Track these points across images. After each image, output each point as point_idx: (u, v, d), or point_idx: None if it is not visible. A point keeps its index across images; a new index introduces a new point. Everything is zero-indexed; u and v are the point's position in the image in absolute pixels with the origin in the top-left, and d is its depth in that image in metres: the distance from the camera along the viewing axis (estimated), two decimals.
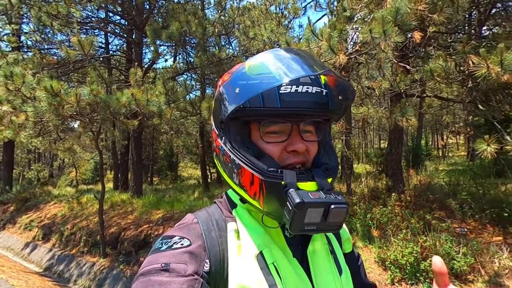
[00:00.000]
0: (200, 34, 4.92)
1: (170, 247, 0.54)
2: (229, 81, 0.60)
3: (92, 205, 8.25)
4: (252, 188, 0.56)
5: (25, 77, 3.91)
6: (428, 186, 5.61)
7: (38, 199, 10.71)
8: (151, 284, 0.48)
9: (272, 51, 0.59)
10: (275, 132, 0.58)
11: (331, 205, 0.51)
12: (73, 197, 9.26)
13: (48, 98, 3.83)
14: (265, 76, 0.54)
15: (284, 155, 0.58)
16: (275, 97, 0.55)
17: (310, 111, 0.57)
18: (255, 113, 0.57)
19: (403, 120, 3.24)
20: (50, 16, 5.47)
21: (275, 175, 0.54)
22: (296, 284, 0.56)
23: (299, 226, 0.51)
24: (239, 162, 0.57)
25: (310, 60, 0.58)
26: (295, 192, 0.51)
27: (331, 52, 3.69)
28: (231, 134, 0.60)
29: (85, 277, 5.56)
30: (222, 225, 0.61)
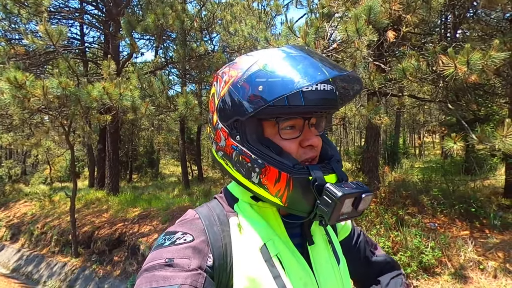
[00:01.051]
0: (177, 28, 4.79)
1: (173, 243, 0.55)
2: (243, 78, 0.59)
3: (65, 203, 7.93)
4: (277, 186, 0.57)
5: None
6: (402, 183, 5.78)
7: (7, 197, 10.21)
8: (155, 279, 0.49)
9: (283, 49, 0.60)
10: (291, 128, 0.60)
11: (362, 194, 0.55)
12: (45, 195, 8.88)
13: (11, 90, 3.61)
14: (288, 76, 0.54)
15: (300, 150, 0.60)
16: (299, 96, 0.56)
17: (327, 108, 0.59)
18: (276, 111, 0.57)
19: (376, 118, 3.30)
20: (16, 3, 5.17)
21: (302, 171, 0.56)
22: (300, 275, 0.58)
23: (337, 216, 0.54)
24: (263, 161, 0.57)
25: (324, 59, 0.60)
26: (333, 185, 0.54)
27: None
28: (247, 132, 0.59)
29: (55, 278, 5.34)
30: (224, 219, 0.61)
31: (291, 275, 0.57)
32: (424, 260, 3.36)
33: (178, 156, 17.37)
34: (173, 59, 7.32)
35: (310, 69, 0.55)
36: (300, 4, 8.30)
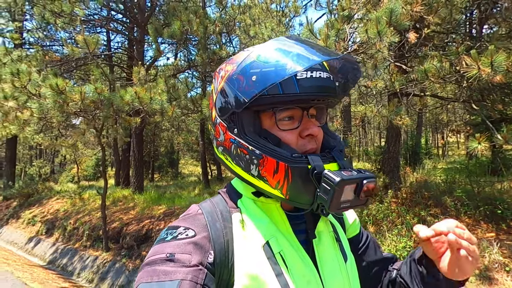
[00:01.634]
0: (201, 33, 5.00)
1: (175, 238, 0.55)
2: (238, 71, 0.59)
3: (94, 200, 8.38)
4: (275, 177, 0.56)
5: (31, 75, 4.01)
6: (424, 184, 5.71)
7: (40, 194, 10.85)
8: (157, 273, 0.49)
9: (277, 40, 0.60)
10: (289, 118, 0.59)
11: (364, 180, 0.53)
12: (75, 193, 9.39)
13: (53, 96, 3.93)
14: (280, 64, 0.54)
15: (300, 141, 0.59)
16: (293, 83, 0.55)
17: (324, 95, 0.58)
18: (271, 101, 0.57)
19: (397, 119, 3.34)
20: (54, 14, 5.56)
21: (301, 160, 0.55)
22: (303, 272, 0.57)
23: (337, 204, 0.52)
24: (260, 152, 0.56)
25: (318, 46, 0.60)
26: (331, 172, 0.53)
27: None
28: (244, 125, 0.59)
29: (88, 270, 5.70)
30: (226, 216, 0.61)
31: (294, 273, 0.56)
32: None
33: (197, 156, 17.76)
34: (194, 62, 7.59)
35: (302, 55, 0.55)
36: (320, 5, 8.35)
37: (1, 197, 11.68)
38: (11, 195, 11.12)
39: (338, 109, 4.43)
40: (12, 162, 12.73)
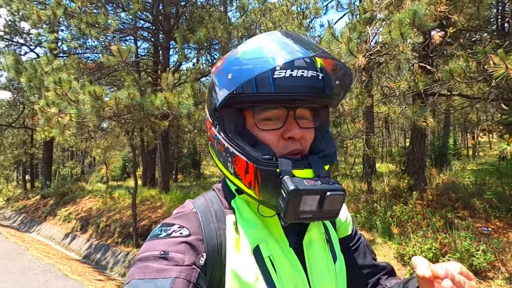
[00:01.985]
0: (225, 38, 5.20)
1: (169, 235, 0.54)
2: (221, 68, 0.59)
3: (124, 199, 8.84)
4: (247, 177, 0.55)
5: (71, 83, 4.36)
6: (452, 186, 5.56)
7: (74, 193, 11.56)
8: (149, 270, 0.48)
9: (267, 34, 0.58)
10: (270, 119, 0.57)
11: (327, 192, 0.49)
12: (106, 192, 9.94)
13: (91, 102, 4.26)
14: (258, 61, 0.52)
15: (281, 142, 0.57)
16: (268, 82, 0.53)
17: (306, 96, 0.54)
18: (248, 99, 0.55)
19: (421, 120, 3.33)
20: (89, 25, 5.98)
21: (269, 163, 0.53)
22: (291, 276, 0.57)
23: (295, 214, 0.50)
24: (233, 151, 0.56)
25: (305, 42, 0.56)
26: (289, 179, 0.50)
27: (350, 54, 3.83)
28: (225, 122, 0.58)
29: (120, 264, 6.05)
30: (221, 216, 0.60)
31: (282, 276, 0.56)
32: (474, 263, 3.30)
33: None
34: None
35: (281, 51, 0.52)
36: (341, 7, 8.34)
37: (39, 196, 12.55)
38: (48, 194, 11.91)
39: (361, 110, 4.45)
40: (49, 163, 13.62)
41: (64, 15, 5.80)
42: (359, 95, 4.04)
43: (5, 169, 17.32)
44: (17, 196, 15.00)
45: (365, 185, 6.56)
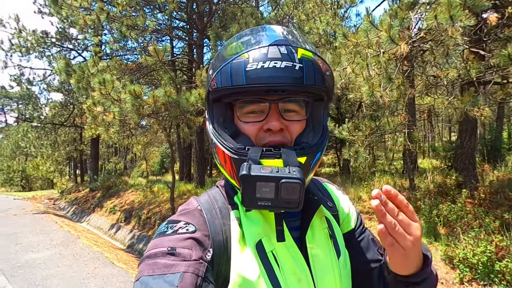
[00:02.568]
0: None
1: (176, 232, 0.55)
2: (211, 65, 0.63)
3: (162, 193, 9.26)
4: (227, 167, 0.59)
5: (114, 83, 4.62)
6: (508, 183, 5.03)
7: (118, 187, 12.36)
8: (158, 266, 0.49)
9: (252, 29, 0.61)
10: (253, 112, 0.59)
11: (281, 180, 0.49)
12: (146, 186, 10.49)
13: (132, 100, 4.48)
14: (236, 55, 0.55)
15: (261, 134, 0.58)
16: (241, 75, 0.54)
17: (278, 86, 0.54)
18: (227, 93, 0.57)
19: (474, 111, 3.02)
20: (129, 28, 6.28)
21: (241, 152, 0.55)
22: (294, 270, 0.57)
23: (251, 200, 0.51)
24: (215, 141, 0.59)
25: (286, 35, 0.57)
26: (245, 165, 0.51)
27: (391, 42, 3.59)
28: (214, 116, 0.62)
29: None
30: (225, 213, 0.61)
31: (285, 271, 0.56)
32: None
33: None
34: None
35: (252, 45, 0.55)
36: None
37: (88, 189, 13.62)
38: (96, 187, 12.87)
39: (402, 102, 4.17)
40: (96, 159, 14.69)
41: (107, 20, 6.15)
42: (400, 85, 3.78)
43: (59, 164, 19.03)
44: (69, 189, 16.43)
45: (406, 182, 6.19)
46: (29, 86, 12.26)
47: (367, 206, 5.51)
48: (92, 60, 6.03)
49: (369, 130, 4.75)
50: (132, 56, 11.00)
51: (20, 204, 13.87)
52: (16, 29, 11.19)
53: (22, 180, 22.73)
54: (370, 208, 5.48)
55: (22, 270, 4.63)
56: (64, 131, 15.21)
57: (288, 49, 0.54)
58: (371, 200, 0.47)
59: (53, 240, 6.59)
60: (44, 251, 5.71)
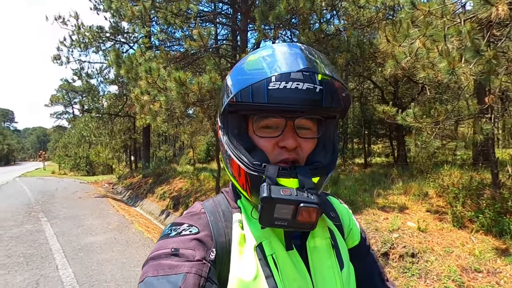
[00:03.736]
0: (307, 9, 4.64)
1: (179, 234, 0.56)
2: (230, 74, 0.62)
3: (208, 182, 9.35)
4: (240, 180, 0.60)
5: (160, 71, 4.52)
6: None
7: (167, 174, 12.90)
8: (162, 267, 0.50)
9: (271, 46, 0.60)
10: (269, 127, 0.59)
11: (300, 204, 0.51)
12: (193, 174, 10.72)
13: (177, 88, 4.34)
14: (257, 72, 0.55)
15: (276, 150, 0.59)
16: (263, 93, 0.54)
17: (299, 108, 0.55)
18: (246, 108, 0.58)
19: None
20: (173, 15, 6.18)
21: (258, 169, 0.56)
22: (294, 276, 0.57)
23: (269, 220, 0.52)
24: (230, 153, 0.60)
25: (308, 57, 0.57)
26: (266, 186, 0.52)
27: (484, 3, 2.85)
28: (229, 126, 0.62)
29: None
30: (228, 216, 0.63)
31: (284, 276, 0.56)
32: None
33: None
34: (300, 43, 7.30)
35: (277, 65, 0.54)
36: None
37: (141, 175, 14.47)
38: (148, 174, 13.63)
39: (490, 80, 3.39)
40: (147, 147, 15.54)
41: (153, 8, 6.10)
42: (491, 59, 3.01)
43: (116, 152, 20.62)
44: (125, 175, 17.71)
45: (484, 176, 5.25)
46: (88, 79, 13.19)
47: (435, 204, 4.78)
48: (140, 50, 6.07)
49: (443, 115, 4.01)
50: (178, 46, 11.14)
51: (84, 187, 15.32)
52: (76, 26, 12.01)
53: (87, 165, 25.21)
54: (438, 206, 4.74)
55: (81, 253, 4.91)
56: (119, 121, 16.29)
57: (310, 72, 0.55)
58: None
59: (110, 224, 6.99)
60: (101, 235, 6.05)
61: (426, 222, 4.14)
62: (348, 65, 7.39)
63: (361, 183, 6.48)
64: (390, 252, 3.70)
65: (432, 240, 3.78)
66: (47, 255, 4.75)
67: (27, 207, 9.28)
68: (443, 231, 3.97)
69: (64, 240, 5.60)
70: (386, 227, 4.09)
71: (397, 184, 5.93)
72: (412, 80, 7.93)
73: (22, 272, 4.06)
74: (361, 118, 12.25)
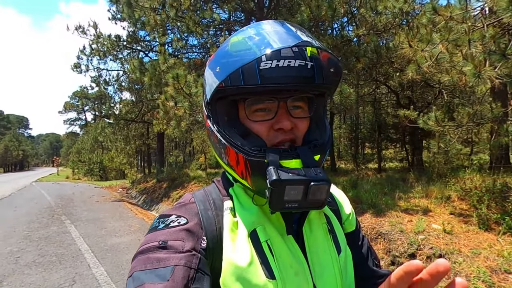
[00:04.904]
0: (329, 16, 4.78)
1: (167, 226, 0.55)
2: (212, 60, 0.60)
3: None
4: (239, 168, 0.57)
5: (187, 77, 4.70)
6: None
7: (182, 179, 13.08)
8: (150, 261, 0.48)
9: (256, 25, 0.57)
10: (262, 110, 0.57)
11: (311, 182, 0.50)
12: (208, 179, 10.86)
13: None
14: (245, 52, 0.52)
15: (271, 133, 0.57)
16: (254, 74, 0.51)
17: (293, 86, 0.53)
18: (237, 92, 0.55)
19: None
20: (195, 24, 6.40)
21: (257, 154, 0.54)
22: (290, 262, 0.56)
23: (279, 203, 0.51)
24: (224, 142, 0.58)
25: (293, 31, 0.55)
26: (273, 169, 0.51)
27: (509, 8, 2.93)
28: (218, 114, 0.60)
29: None
30: (219, 204, 0.61)
31: (280, 262, 0.55)
32: None
33: None
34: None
35: (265, 43, 0.52)
36: None
37: (155, 180, 14.70)
38: (162, 178, 13.83)
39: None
40: (162, 152, 15.81)
41: (176, 16, 6.34)
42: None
43: (130, 157, 20.99)
44: (139, 180, 17.99)
45: (505, 179, 5.23)
46: (106, 86, 13.59)
47: (458, 207, 4.79)
48: (163, 58, 6.29)
49: (467, 118, 4.06)
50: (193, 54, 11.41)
51: (99, 192, 15.63)
52: (95, 35, 12.45)
53: (100, 170, 25.69)
54: (461, 209, 4.75)
55: (109, 253, 5.07)
56: (135, 127, 16.63)
57: (299, 47, 0.52)
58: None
59: (131, 227, 7.16)
60: (125, 236, 6.22)
61: (451, 224, 4.17)
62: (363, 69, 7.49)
63: (380, 187, 6.51)
64: (417, 253, 3.74)
65: (459, 242, 3.80)
66: (78, 255, 4.92)
67: (49, 210, 9.55)
68: (469, 233, 3.99)
69: (91, 241, 5.77)
70: (411, 229, 4.13)
71: (416, 188, 5.94)
72: (429, 84, 7.96)
73: (57, 270, 4.23)
74: (374, 123, 12.26)
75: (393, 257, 3.83)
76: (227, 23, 9.73)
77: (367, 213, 4.78)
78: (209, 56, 6.33)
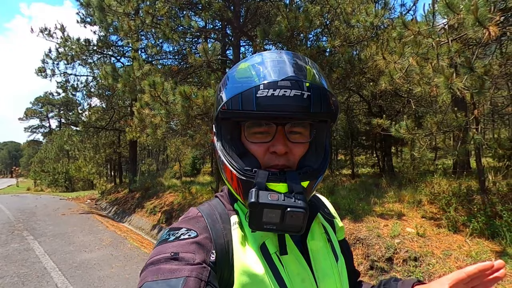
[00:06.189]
0: (306, 28, 4.92)
1: (178, 238, 0.56)
2: (222, 82, 0.65)
3: (201, 195, 9.27)
4: (233, 184, 0.61)
5: (164, 85, 4.58)
6: None
7: (156, 188, 12.63)
8: (162, 272, 0.50)
9: (262, 54, 0.61)
10: (260, 133, 0.60)
11: (287, 208, 0.52)
12: (185, 187, 10.58)
13: (182, 101, 4.41)
14: (247, 80, 0.57)
15: (267, 156, 0.60)
16: (252, 101, 0.55)
17: (288, 114, 0.56)
18: (236, 115, 0.59)
19: None
20: (172, 30, 6.29)
21: (248, 174, 0.58)
22: (298, 271, 0.60)
23: (257, 224, 0.54)
24: (222, 159, 0.62)
25: (297, 64, 0.58)
26: (254, 191, 0.54)
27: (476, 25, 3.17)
28: (222, 133, 0.64)
29: None
30: (225, 218, 0.64)
31: (289, 272, 0.58)
32: None
33: None
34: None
35: (264, 73, 0.56)
36: None
37: (127, 190, 14.08)
38: (135, 188, 13.27)
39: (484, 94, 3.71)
40: (134, 161, 15.19)
41: (152, 23, 6.19)
42: (483, 75, 3.33)
43: (99, 166, 19.96)
44: (109, 190, 17.12)
45: (470, 183, 5.61)
46: (74, 92, 12.90)
47: (428, 211, 5.04)
48: (137, 64, 6.10)
49: (435, 127, 4.32)
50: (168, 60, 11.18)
51: (65, 204, 14.66)
52: (62, 38, 11.83)
53: (66, 181, 24.16)
54: (432, 212, 5.00)
55: (79, 270, 4.73)
56: (105, 135, 15.89)
57: (298, 80, 0.56)
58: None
59: (103, 241, 6.76)
60: (96, 251, 5.85)
61: (423, 227, 4.37)
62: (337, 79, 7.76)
63: (355, 193, 6.70)
64: (394, 257, 3.87)
65: (431, 244, 3.99)
66: (43, 274, 4.54)
67: (8, 226, 8.78)
68: (440, 236, 4.20)
69: (58, 258, 5.36)
70: (388, 233, 4.27)
71: (389, 192, 6.19)
72: (398, 94, 8.41)
73: None
74: (347, 130, 12.69)
75: (372, 262, 3.93)
76: (205, 31, 9.68)
77: (345, 219, 4.88)
78: (185, 63, 6.24)
